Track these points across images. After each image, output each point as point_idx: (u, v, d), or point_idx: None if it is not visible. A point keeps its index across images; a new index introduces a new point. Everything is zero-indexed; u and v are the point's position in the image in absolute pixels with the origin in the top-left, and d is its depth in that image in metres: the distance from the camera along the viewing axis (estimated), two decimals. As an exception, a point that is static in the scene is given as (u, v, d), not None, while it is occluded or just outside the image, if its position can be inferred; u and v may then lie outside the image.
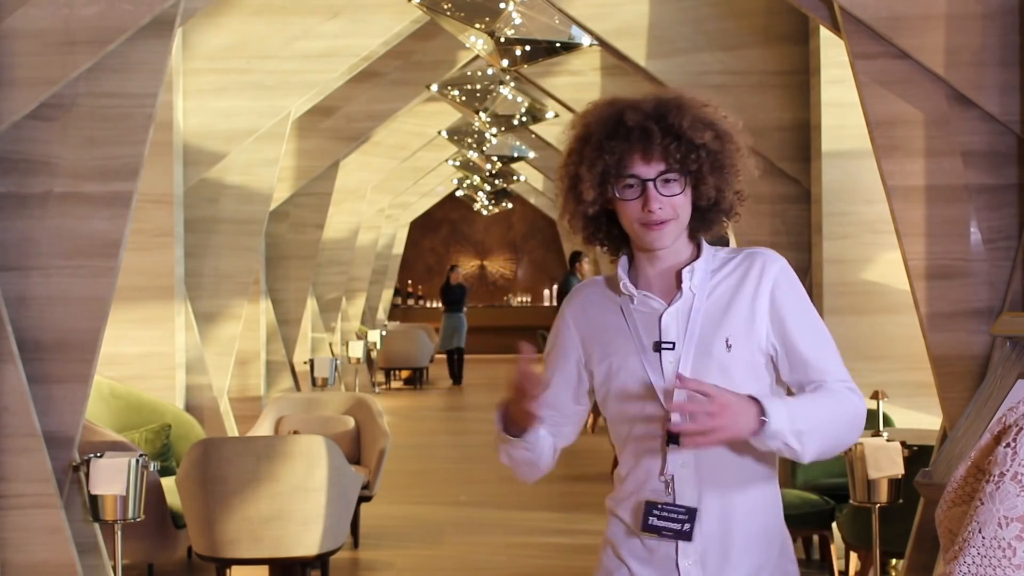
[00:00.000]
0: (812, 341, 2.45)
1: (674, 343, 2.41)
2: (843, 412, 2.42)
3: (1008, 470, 1.57)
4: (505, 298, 29.34)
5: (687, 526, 2.37)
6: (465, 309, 19.85)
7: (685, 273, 2.44)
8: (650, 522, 2.40)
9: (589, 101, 2.54)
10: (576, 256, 15.07)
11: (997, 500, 1.56)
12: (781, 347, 2.43)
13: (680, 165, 2.39)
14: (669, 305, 2.44)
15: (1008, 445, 1.59)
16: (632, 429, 2.45)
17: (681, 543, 2.39)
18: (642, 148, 2.38)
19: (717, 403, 2.25)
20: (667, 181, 2.40)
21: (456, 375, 19.64)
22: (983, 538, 1.55)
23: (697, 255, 2.48)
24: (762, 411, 2.29)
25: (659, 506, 2.40)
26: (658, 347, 2.42)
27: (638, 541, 2.45)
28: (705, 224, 2.49)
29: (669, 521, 2.39)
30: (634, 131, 2.38)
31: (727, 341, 2.40)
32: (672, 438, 2.37)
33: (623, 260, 2.51)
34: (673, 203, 2.40)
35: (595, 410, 12.85)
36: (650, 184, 2.38)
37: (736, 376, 2.39)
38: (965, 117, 4.77)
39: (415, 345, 19.24)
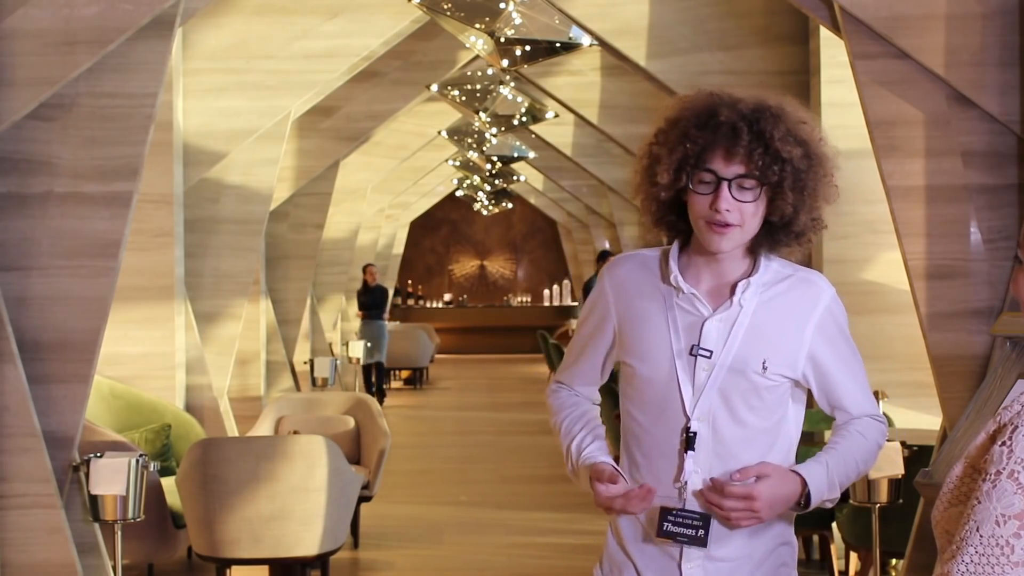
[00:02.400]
0: (850, 379, 2.48)
1: (711, 352, 2.37)
2: (869, 449, 2.49)
3: (1004, 468, 1.57)
4: (505, 298, 29.34)
5: (701, 532, 2.36)
6: (387, 315, 16.94)
7: (740, 286, 2.39)
8: (665, 528, 2.38)
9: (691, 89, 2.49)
10: (605, 255, 15.01)
11: (994, 498, 1.56)
12: (815, 377, 2.45)
13: (760, 173, 2.32)
14: (715, 312, 2.39)
15: (1004, 444, 1.59)
16: (649, 423, 2.42)
17: (685, 548, 2.38)
18: (726, 146, 2.32)
19: (758, 503, 2.33)
20: (743, 187, 2.33)
21: (379, 392, 16.56)
22: (981, 537, 1.55)
23: (752, 270, 2.42)
24: (804, 484, 2.37)
25: (674, 512, 2.37)
26: (694, 352, 2.38)
27: (645, 538, 2.43)
28: (771, 242, 2.42)
29: (684, 527, 2.36)
30: (723, 127, 2.32)
31: (764, 363, 2.37)
32: (690, 443, 2.36)
33: (674, 249, 2.44)
34: (743, 209, 2.34)
35: (595, 410, 12.43)
36: (724, 184, 2.32)
37: (766, 396, 2.39)
38: (965, 117, 4.77)
39: (415, 345, 19.24)
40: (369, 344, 14.78)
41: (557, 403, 2.63)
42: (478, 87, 11.59)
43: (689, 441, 2.36)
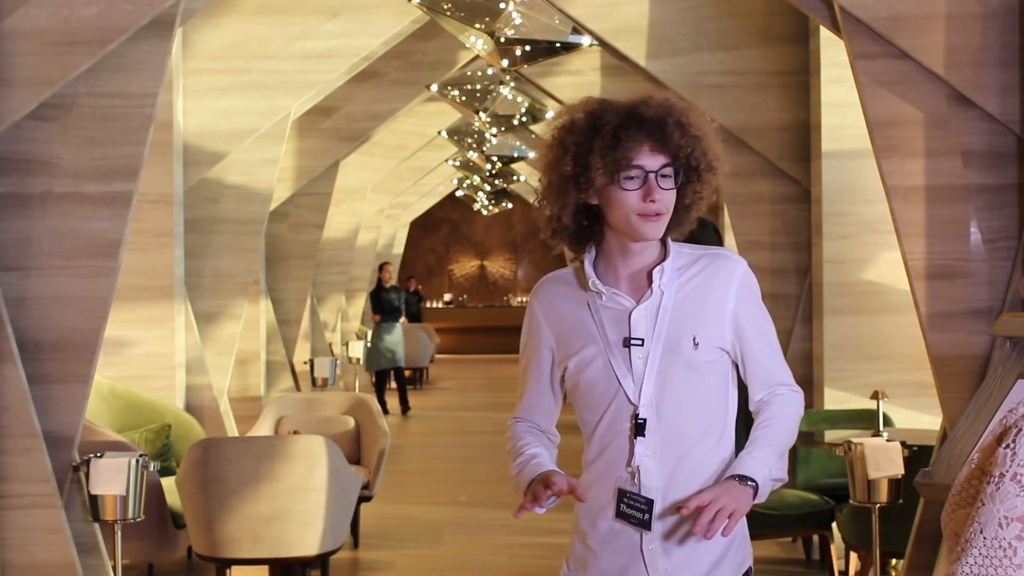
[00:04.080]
0: (765, 346, 2.58)
1: (643, 339, 2.50)
2: (790, 426, 2.58)
3: (1008, 471, 1.58)
4: (505, 298, 29.34)
5: (646, 516, 2.48)
6: (403, 320, 15.34)
7: (656, 272, 2.52)
8: (620, 509, 2.51)
9: (571, 102, 2.59)
10: None
11: (997, 500, 1.56)
12: (740, 348, 2.55)
13: (684, 161, 2.47)
14: (638, 303, 2.52)
15: (1008, 446, 1.60)
16: (600, 420, 2.53)
17: (645, 532, 2.50)
18: (653, 140, 2.45)
19: (721, 500, 2.39)
20: (665, 175, 2.47)
21: (403, 403, 15.53)
22: (984, 539, 1.55)
23: (664, 254, 2.55)
24: (747, 479, 2.44)
25: (628, 495, 2.50)
26: (627, 343, 2.50)
27: (603, 526, 2.56)
28: (676, 225, 2.55)
29: (634, 510, 2.50)
30: (649, 123, 2.44)
31: (694, 339, 2.49)
32: (639, 430, 2.48)
33: (589, 256, 2.57)
34: (668, 197, 2.48)
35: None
36: (652, 176, 2.45)
37: (703, 372, 2.51)
38: (965, 117, 4.77)
39: (415, 345, 19.24)
40: (369, 346, 14.31)
41: (512, 433, 2.74)
42: (478, 87, 11.58)
43: (638, 428, 2.48)
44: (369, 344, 14.77)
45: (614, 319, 2.52)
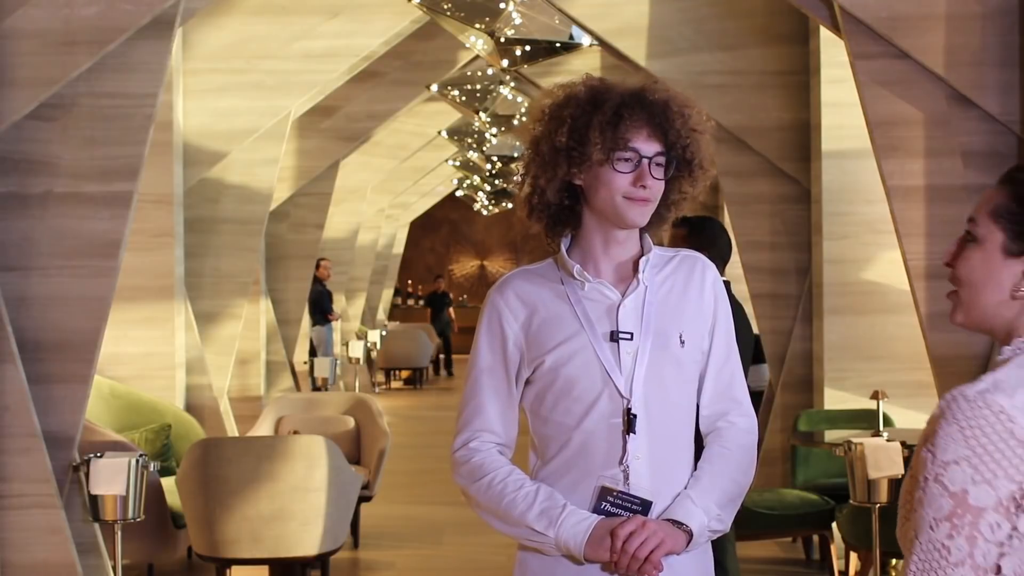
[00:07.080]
0: (730, 359, 2.49)
1: (632, 333, 2.39)
2: (743, 463, 2.45)
3: (930, 474, 1.62)
4: (505, 298, 29.30)
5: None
6: (331, 319, 14.01)
7: (642, 263, 2.42)
8: (602, 507, 2.36)
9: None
10: None
11: (926, 504, 1.60)
12: (707, 355, 2.46)
13: (680, 153, 2.39)
14: (624, 295, 2.41)
15: (928, 450, 1.63)
16: (583, 420, 2.39)
17: None
18: (652, 125, 2.37)
19: (646, 532, 2.28)
20: (659, 164, 2.39)
21: None
22: (920, 544, 1.60)
23: (643, 249, 2.46)
24: (680, 523, 2.33)
25: (614, 493, 2.35)
26: (615, 337, 2.39)
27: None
28: (657, 220, 2.46)
29: (622, 509, 2.34)
30: (652, 107, 2.37)
31: (681, 336, 2.40)
32: (631, 426, 2.35)
33: (563, 246, 2.47)
34: (657, 186, 2.40)
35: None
36: (646, 161, 2.37)
37: (687, 371, 2.42)
38: (965, 117, 4.77)
39: (415, 345, 19.24)
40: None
41: (485, 461, 2.55)
42: (478, 87, 11.60)
43: (630, 423, 2.35)
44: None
45: (599, 311, 2.40)
